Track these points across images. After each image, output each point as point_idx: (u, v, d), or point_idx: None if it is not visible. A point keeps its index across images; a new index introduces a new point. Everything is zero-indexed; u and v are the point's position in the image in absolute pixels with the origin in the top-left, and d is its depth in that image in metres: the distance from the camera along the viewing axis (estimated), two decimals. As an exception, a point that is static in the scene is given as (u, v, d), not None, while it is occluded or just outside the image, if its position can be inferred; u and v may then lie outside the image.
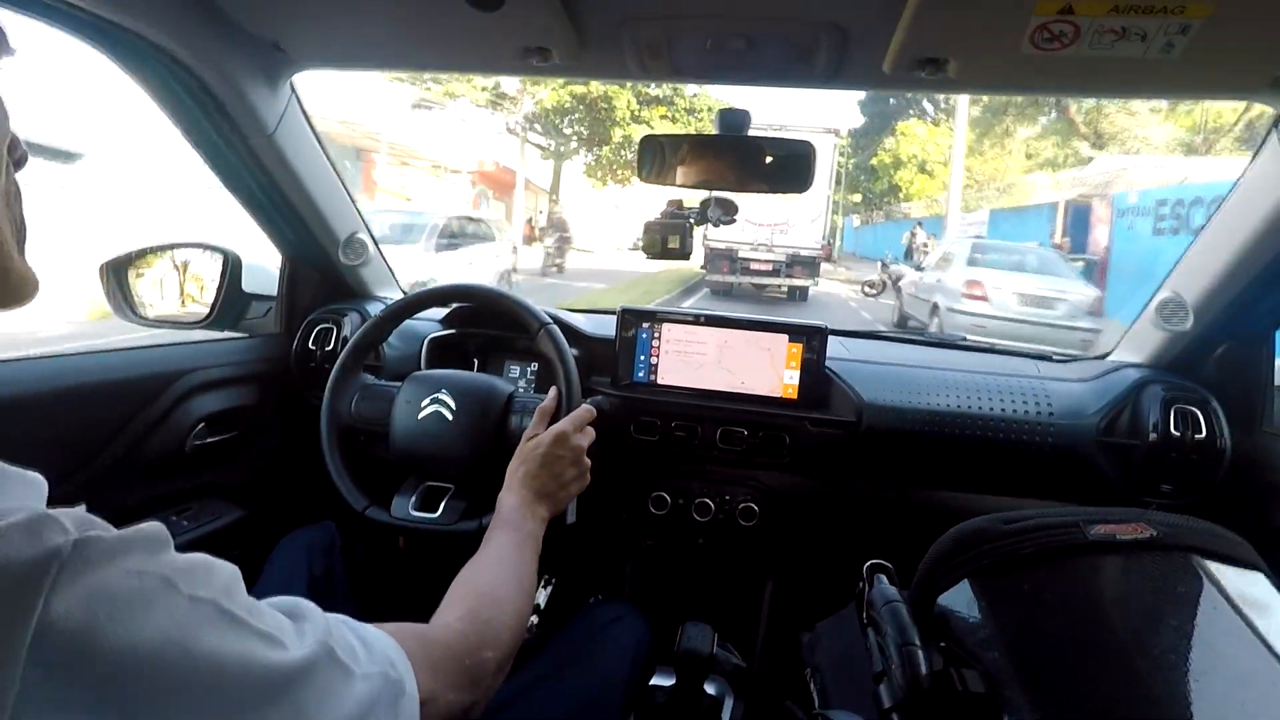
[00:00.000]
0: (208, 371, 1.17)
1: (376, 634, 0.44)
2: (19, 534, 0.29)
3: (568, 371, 0.99)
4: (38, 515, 0.30)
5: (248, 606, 0.36)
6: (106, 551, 0.31)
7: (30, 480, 0.37)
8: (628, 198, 26.88)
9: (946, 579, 0.81)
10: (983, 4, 0.73)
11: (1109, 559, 0.73)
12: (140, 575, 0.31)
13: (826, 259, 21.57)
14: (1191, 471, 1.06)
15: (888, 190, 29.73)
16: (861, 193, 34.23)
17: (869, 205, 34.19)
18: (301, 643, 0.37)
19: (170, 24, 0.88)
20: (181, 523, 1.13)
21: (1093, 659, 0.64)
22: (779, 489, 1.24)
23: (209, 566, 0.36)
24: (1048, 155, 20.29)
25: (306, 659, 0.35)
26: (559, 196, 23.02)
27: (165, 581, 0.32)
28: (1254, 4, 0.69)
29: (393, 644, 0.45)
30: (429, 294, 1.12)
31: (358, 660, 0.40)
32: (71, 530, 0.31)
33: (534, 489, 0.81)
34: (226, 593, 0.35)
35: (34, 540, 0.29)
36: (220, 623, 0.33)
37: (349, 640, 0.41)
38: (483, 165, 22.12)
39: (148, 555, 0.33)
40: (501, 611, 0.62)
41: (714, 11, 0.84)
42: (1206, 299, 1.07)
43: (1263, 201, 0.94)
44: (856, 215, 37.08)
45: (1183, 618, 0.64)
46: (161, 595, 0.32)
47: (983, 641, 0.72)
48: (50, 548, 0.29)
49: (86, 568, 0.30)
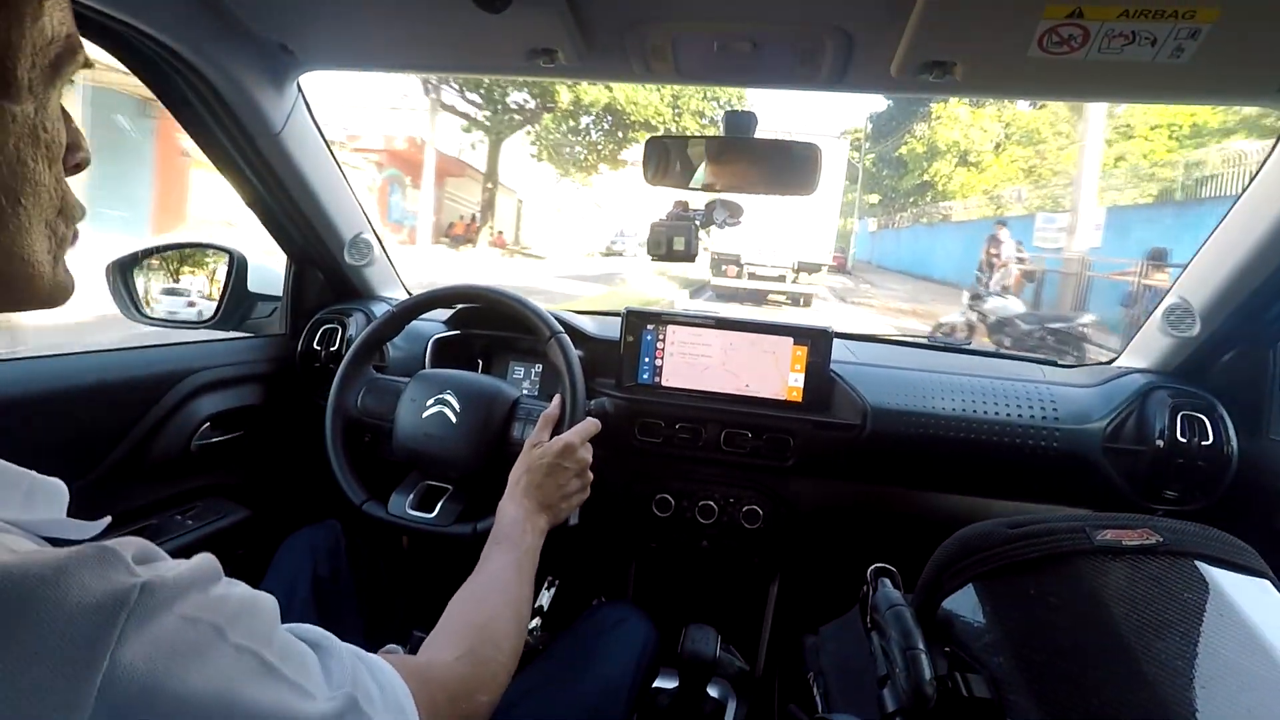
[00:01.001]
0: (213, 371, 1.17)
1: (388, 674, 0.45)
2: (89, 574, 0.29)
3: (574, 380, 0.98)
4: (102, 551, 0.31)
5: (283, 652, 0.37)
6: (167, 597, 0.32)
7: (54, 489, 0.38)
8: (613, 193, 24.71)
9: (951, 583, 0.80)
10: (990, 7, 0.73)
11: (1115, 565, 0.72)
12: (195, 624, 0.32)
13: (840, 269, 19.47)
14: (1198, 478, 1.05)
15: (918, 187, 24.31)
16: (882, 191, 29.85)
17: (891, 206, 29.14)
18: (330, 690, 0.38)
19: (178, 25, 0.88)
20: (186, 522, 1.13)
21: (1098, 665, 0.63)
22: (783, 492, 1.24)
23: (254, 609, 0.37)
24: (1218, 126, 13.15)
25: (333, 711, 0.37)
26: (496, 183, 18.66)
27: (215, 630, 0.33)
28: (1264, 9, 0.69)
29: (402, 686, 0.45)
30: (436, 295, 1.12)
31: (376, 707, 0.41)
32: (136, 569, 0.31)
33: (536, 499, 0.81)
34: (267, 639, 0.36)
35: (101, 582, 0.30)
36: (260, 674, 0.34)
37: (369, 685, 0.42)
38: (392, 143, 17.58)
39: (202, 597, 0.34)
40: (499, 651, 0.62)
41: (719, 15, 0.84)
42: (1214, 305, 1.07)
43: (1271, 207, 0.94)
44: (874, 219, 31.80)
45: (1189, 624, 0.64)
46: (212, 646, 0.33)
47: (988, 646, 0.72)
48: (119, 592, 0.30)
49: (150, 615, 0.30)
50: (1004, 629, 0.72)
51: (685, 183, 1.04)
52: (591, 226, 25.44)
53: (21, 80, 0.35)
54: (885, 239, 29.01)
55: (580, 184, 20.31)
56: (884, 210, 30.28)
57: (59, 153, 0.39)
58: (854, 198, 30.52)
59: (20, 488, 0.36)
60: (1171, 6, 0.68)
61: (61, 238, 0.41)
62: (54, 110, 0.39)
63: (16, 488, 0.36)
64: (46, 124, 0.38)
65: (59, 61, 0.38)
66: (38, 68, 0.36)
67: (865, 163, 29.13)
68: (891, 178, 27.64)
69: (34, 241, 0.38)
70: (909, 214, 25.67)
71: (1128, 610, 0.66)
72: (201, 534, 1.12)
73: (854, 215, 31.77)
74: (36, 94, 0.37)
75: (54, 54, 0.37)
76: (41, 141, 0.37)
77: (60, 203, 0.40)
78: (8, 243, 0.37)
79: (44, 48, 0.36)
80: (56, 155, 0.39)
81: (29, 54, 0.36)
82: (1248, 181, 0.99)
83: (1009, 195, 17.77)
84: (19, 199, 0.37)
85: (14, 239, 0.37)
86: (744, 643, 1.31)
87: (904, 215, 26.42)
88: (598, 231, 24.43)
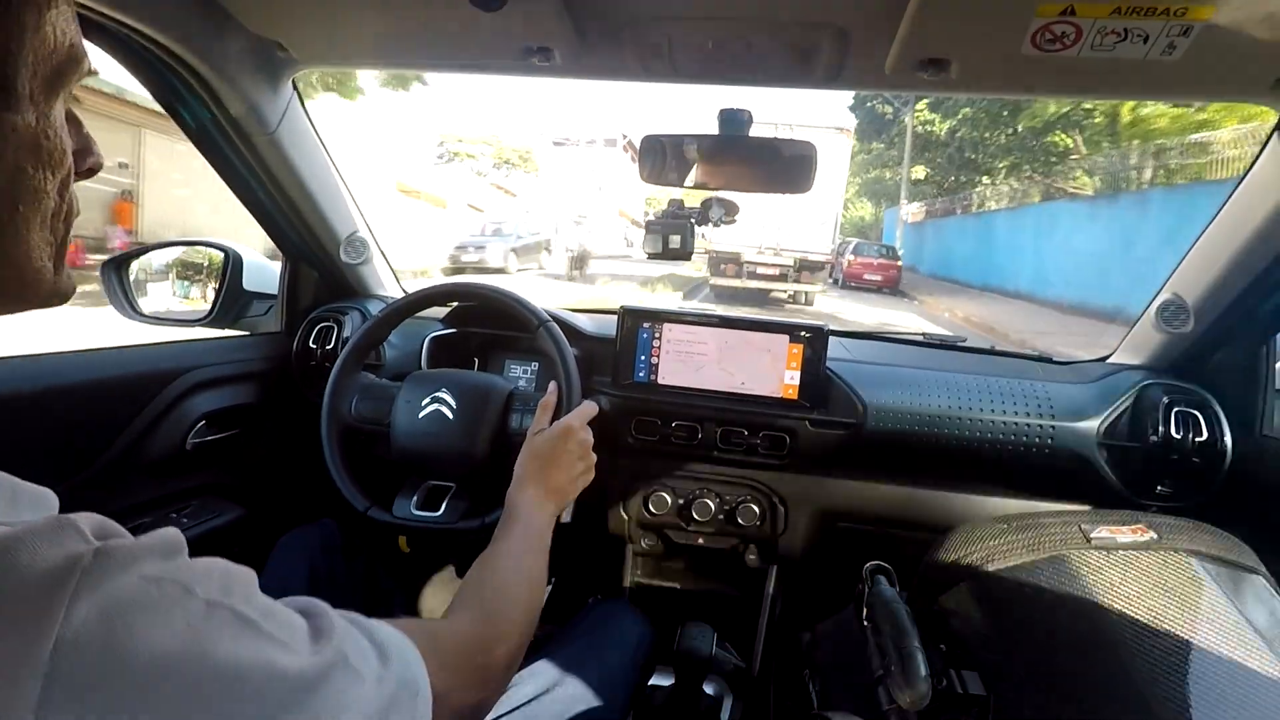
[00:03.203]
0: (208, 369, 1.17)
1: (390, 633, 0.44)
2: (42, 541, 0.29)
3: (567, 367, 0.99)
4: (59, 521, 0.30)
5: (264, 610, 0.35)
6: (124, 559, 0.31)
7: (42, 496, 0.37)
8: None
9: (946, 580, 0.81)
10: (984, 5, 0.73)
11: (1109, 561, 0.73)
12: (157, 582, 0.31)
13: (889, 286, 14.85)
14: (1192, 474, 1.06)
15: (1030, 147, 15.08)
16: (940, 164, 19.40)
17: (948, 183, 19.54)
18: (316, 648, 0.36)
19: (173, 23, 0.88)
20: (181, 520, 1.13)
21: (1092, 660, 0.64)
22: (779, 490, 1.24)
23: (226, 570, 0.36)
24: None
25: (321, 666, 0.35)
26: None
27: (182, 587, 0.32)
28: (1255, 6, 0.69)
29: (407, 643, 0.44)
30: (430, 293, 1.12)
31: (370, 664, 0.39)
32: (91, 537, 0.31)
33: (543, 485, 0.81)
34: (244, 597, 0.35)
35: (55, 548, 0.29)
36: (237, 627, 0.33)
37: (362, 643, 0.40)
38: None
39: (164, 560, 0.33)
40: (513, 608, 0.62)
41: (715, 13, 0.84)
42: (1208, 301, 1.07)
43: (1264, 204, 0.94)
44: (919, 204, 20.79)
45: (1182, 620, 0.64)
46: (178, 601, 0.31)
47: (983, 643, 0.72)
48: (71, 556, 0.29)
49: (105, 577, 0.30)
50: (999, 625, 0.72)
51: (681, 181, 1.04)
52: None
53: (21, 90, 0.35)
54: (931, 233, 19.72)
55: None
56: (941, 190, 19.85)
57: (62, 160, 0.39)
58: (885, 175, 23.53)
59: (3, 492, 0.35)
60: (1163, 4, 0.68)
61: (61, 242, 0.41)
62: (57, 119, 0.38)
63: (0, 491, 0.35)
64: (49, 132, 0.37)
65: (61, 71, 0.37)
66: (39, 77, 0.36)
67: (907, 119, 19.54)
68: (963, 138, 17.64)
69: (32, 247, 0.38)
70: (1003, 188, 15.76)
71: (1122, 607, 0.67)
72: (196, 533, 1.12)
73: (877, 200, 25.11)
74: (38, 103, 0.36)
75: (56, 63, 0.37)
76: (43, 150, 0.37)
77: (63, 208, 0.40)
78: (6, 248, 0.37)
79: (45, 57, 0.36)
80: (59, 163, 0.39)
81: (30, 64, 0.35)
82: (1241, 177, 0.99)
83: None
84: (17, 206, 0.36)
85: (12, 244, 0.37)
86: (740, 640, 1.31)
87: (995, 190, 16.22)
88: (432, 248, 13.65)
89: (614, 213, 36.64)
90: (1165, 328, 1.15)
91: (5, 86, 0.34)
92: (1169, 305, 1.13)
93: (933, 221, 19.90)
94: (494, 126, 32.59)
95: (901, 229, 20.64)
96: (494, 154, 31.63)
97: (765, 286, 11.02)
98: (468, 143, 31.29)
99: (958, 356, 1.37)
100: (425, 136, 19.65)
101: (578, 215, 26.91)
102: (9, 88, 0.35)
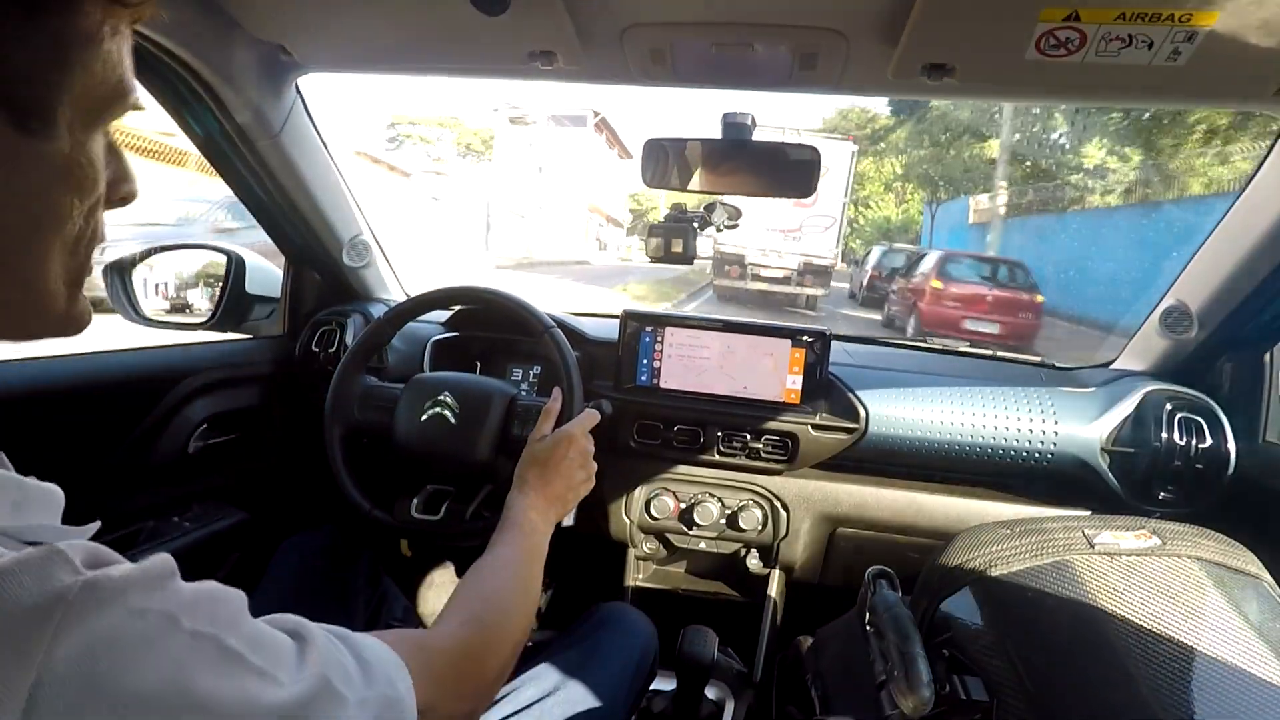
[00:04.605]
0: (211, 373, 1.17)
1: (376, 648, 0.44)
2: (29, 575, 0.29)
3: (570, 374, 0.99)
4: (49, 553, 0.30)
5: (250, 638, 0.35)
6: (111, 592, 0.30)
7: (49, 493, 0.37)
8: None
9: (949, 586, 0.80)
10: (988, 11, 0.73)
11: (1112, 566, 0.72)
12: (143, 614, 0.31)
13: (1014, 340, 7.29)
14: (1195, 480, 1.06)
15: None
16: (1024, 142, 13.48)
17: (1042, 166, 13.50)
18: (300, 675, 0.36)
19: (177, 27, 0.88)
20: (183, 524, 1.13)
21: (1095, 666, 0.64)
22: (781, 494, 1.24)
23: (214, 597, 0.35)
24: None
25: (302, 695, 0.35)
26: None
27: (168, 618, 0.32)
28: (1260, 13, 0.69)
29: (393, 658, 0.44)
30: (433, 296, 1.12)
31: (354, 686, 0.39)
32: (81, 568, 0.30)
33: (543, 493, 0.81)
34: (230, 624, 0.35)
35: (42, 582, 0.29)
36: (219, 661, 0.33)
37: (346, 664, 0.40)
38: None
39: (152, 590, 0.32)
40: (505, 619, 0.61)
41: (717, 18, 0.84)
42: (1211, 307, 1.07)
43: (1268, 210, 0.94)
44: (985, 196, 15.10)
45: (1186, 626, 0.64)
46: (163, 634, 0.31)
47: (985, 648, 0.72)
48: (57, 589, 0.29)
49: (90, 611, 0.29)
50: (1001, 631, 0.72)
51: (684, 185, 1.04)
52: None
53: (59, 121, 0.35)
54: (1016, 235, 13.32)
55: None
56: (1036, 172, 13.87)
57: (93, 187, 0.38)
58: (941, 154, 16.50)
59: (9, 493, 0.35)
60: (1168, 10, 0.68)
61: (80, 268, 0.40)
62: (94, 148, 0.38)
63: (5, 494, 0.35)
64: (82, 160, 0.37)
65: (105, 105, 0.37)
66: (80, 109, 0.36)
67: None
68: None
69: (51, 272, 0.38)
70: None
71: (1125, 612, 0.66)
72: (198, 536, 1.12)
73: (922, 188, 17.04)
74: (75, 133, 0.36)
75: (100, 96, 0.37)
76: (74, 177, 0.37)
77: (88, 232, 0.39)
78: (26, 273, 0.37)
79: (90, 90, 0.36)
80: (90, 190, 0.38)
81: (72, 97, 0.35)
82: (1245, 184, 0.99)
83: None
84: (43, 231, 0.36)
85: (34, 269, 0.37)
86: (742, 645, 1.31)
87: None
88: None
89: (581, 207, 28.00)
90: (1169, 334, 1.15)
91: (43, 117, 0.34)
92: (1172, 311, 1.13)
93: (1015, 219, 13.22)
94: (454, 107, 27.53)
95: (962, 228, 15.38)
96: (455, 139, 28.38)
97: (769, 289, 11.04)
98: (422, 125, 28.60)
99: (960, 362, 1.37)
100: (376, 117, 17.34)
101: (519, 209, 22.35)
102: (48, 119, 0.34)
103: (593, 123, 28.16)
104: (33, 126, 0.34)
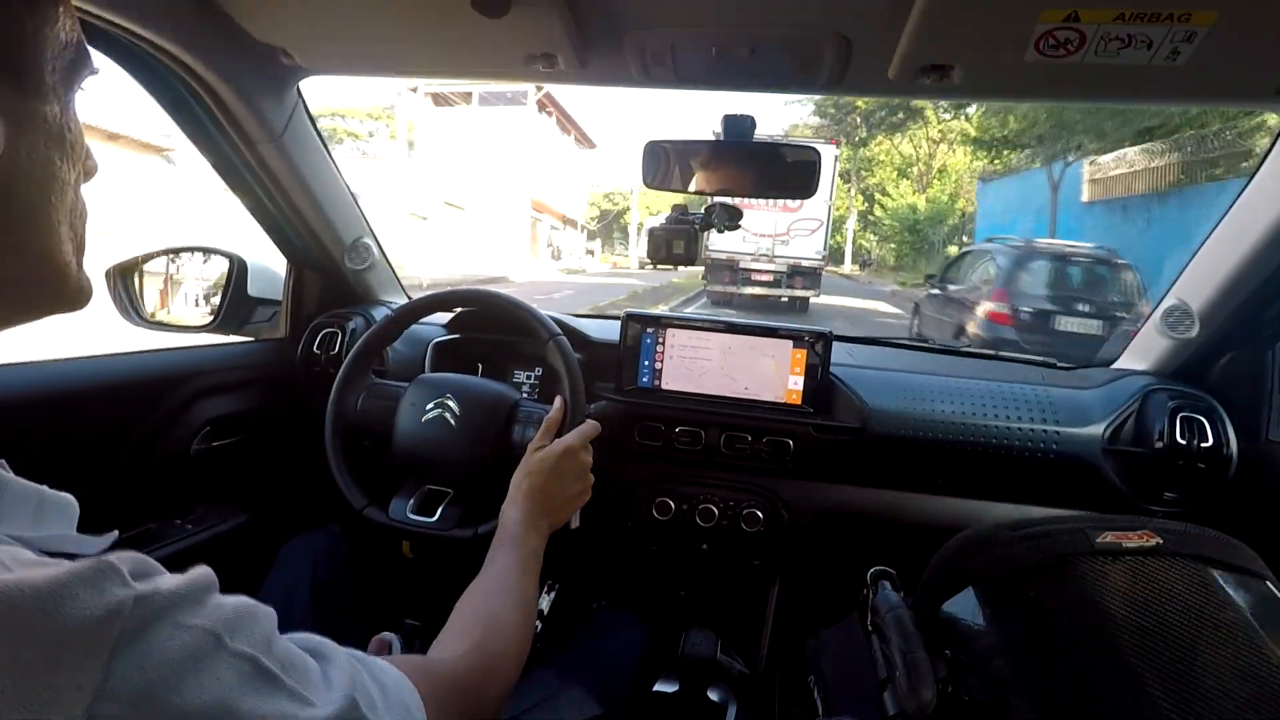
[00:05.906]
0: (213, 375, 1.17)
1: (392, 675, 0.44)
2: (85, 589, 0.29)
3: (574, 383, 0.98)
4: (100, 566, 0.30)
5: (283, 659, 0.36)
6: (163, 608, 0.31)
7: (65, 503, 0.38)
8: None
9: (951, 586, 0.80)
10: (988, 11, 0.73)
11: (1115, 567, 0.72)
12: (190, 630, 0.32)
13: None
14: (1197, 479, 1.05)
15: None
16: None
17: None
18: (329, 696, 0.37)
19: (178, 31, 0.88)
20: (186, 527, 1.13)
21: (1098, 668, 0.63)
22: (783, 495, 1.24)
23: (252, 615, 0.36)
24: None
25: (332, 717, 0.36)
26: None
27: (212, 636, 0.32)
28: (1260, 12, 0.69)
29: (407, 685, 0.45)
30: (436, 299, 1.12)
31: (377, 710, 0.40)
32: (131, 581, 0.31)
33: (539, 503, 0.80)
34: (265, 644, 0.35)
35: (98, 596, 0.29)
36: (260, 682, 0.33)
37: (370, 688, 0.41)
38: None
39: (198, 606, 0.33)
40: (506, 644, 0.62)
41: (718, 20, 0.84)
42: (1213, 307, 1.07)
43: (1269, 209, 0.94)
44: (1096, 169, 11.00)
45: (1189, 627, 0.64)
46: (209, 653, 0.32)
47: (987, 650, 0.71)
48: (113, 605, 0.29)
49: (146, 626, 0.30)
50: (1004, 632, 0.72)
51: (684, 186, 1.04)
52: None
53: (48, 82, 0.36)
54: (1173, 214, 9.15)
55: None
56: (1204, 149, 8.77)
57: (80, 154, 0.40)
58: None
59: (29, 504, 0.36)
60: (1167, 9, 0.68)
61: (80, 241, 0.41)
62: (75, 113, 0.40)
63: (25, 504, 0.35)
64: (70, 125, 0.39)
65: (74, 66, 0.39)
66: (57, 71, 0.37)
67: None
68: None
69: (60, 242, 0.39)
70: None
71: (1128, 613, 0.66)
72: (200, 539, 1.12)
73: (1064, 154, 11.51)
74: (59, 96, 0.38)
75: (69, 59, 0.38)
76: (66, 142, 0.38)
77: (79, 206, 0.41)
78: (40, 244, 0.38)
79: (61, 52, 0.37)
80: (79, 156, 0.40)
81: (50, 58, 0.37)
82: (1246, 182, 0.99)
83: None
84: (48, 197, 0.38)
85: (45, 239, 0.38)
86: (744, 646, 1.31)
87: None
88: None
89: (522, 203, 23.05)
90: (1170, 333, 1.14)
91: (35, 76, 0.36)
92: (1174, 311, 1.13)
93: (1152, 195, 9.72)
94: (395, 96, 23.63)
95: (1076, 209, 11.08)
96: (391, 132, 24.69)
97: (760, 292, 11.31)
98: (350, 118, 26.09)
99: (962, 361, 1.37)
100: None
101: (417, 210, 17.21)
102: (39, 77, 0.36)
103: (534, 99, 22.96)
104: (28, 87, 0.35)
